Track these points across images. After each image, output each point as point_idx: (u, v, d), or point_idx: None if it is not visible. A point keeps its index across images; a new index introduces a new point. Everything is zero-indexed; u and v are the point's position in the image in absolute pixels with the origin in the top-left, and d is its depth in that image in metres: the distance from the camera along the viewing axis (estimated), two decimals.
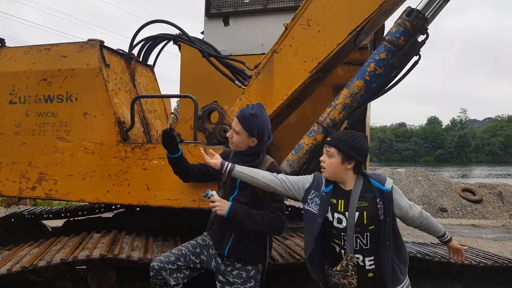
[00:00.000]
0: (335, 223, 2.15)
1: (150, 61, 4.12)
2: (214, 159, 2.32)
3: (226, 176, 2.46)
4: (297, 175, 3.22)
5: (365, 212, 2.07)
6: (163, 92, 4.21)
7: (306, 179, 2.29)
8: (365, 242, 2.08)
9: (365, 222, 2.06)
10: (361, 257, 2.09)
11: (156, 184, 2.91)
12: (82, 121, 3.06)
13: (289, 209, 4.73)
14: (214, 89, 4.17)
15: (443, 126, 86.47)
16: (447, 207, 13.04)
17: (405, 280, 2.15)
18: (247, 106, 2.42)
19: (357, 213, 2.08)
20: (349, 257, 2.09)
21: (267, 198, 2.32)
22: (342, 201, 2.14)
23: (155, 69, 4.21)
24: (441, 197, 13.54)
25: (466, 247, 2.25)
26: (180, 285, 2.33)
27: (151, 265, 2.30)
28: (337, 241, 2.16)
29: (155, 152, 2.93)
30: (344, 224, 2.11)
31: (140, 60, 3.89)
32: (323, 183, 2.27)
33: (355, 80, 3.16)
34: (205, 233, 2.57)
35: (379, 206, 2.06)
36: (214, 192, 2.28)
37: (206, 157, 2.33)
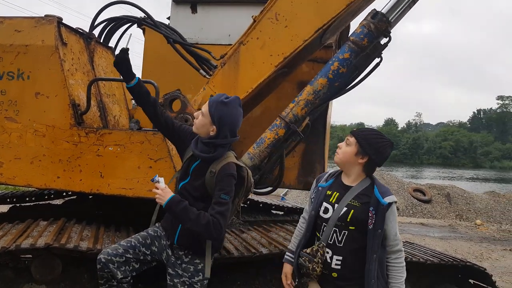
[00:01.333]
0: (321, 213, 2.17)
1: (112, 44, 3.96)
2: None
3: (185, 159, 2.40)
4: (258, 169, 3.25)
5: (352, 211, 2.08)
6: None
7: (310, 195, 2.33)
8: (339, 239, 2.10)
9: (348, 220, 2.08)
10: (330, 253, 2.11)
11: (110, 172, 2.79)
12: (34, 101, 2.87)
13: (248, 202, 4.73)
14: (178, 77, 4.07)
15: (399, 128, 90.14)
16: (398, 206, 13.64)
17: None
18: (221, 94, 2.33)
19: (345, 208, 2.10)
20: (321, 244, 2.13)
21: (214, 198, 2.22)
22: (337, 193, 2.16)
23: (116, 52, 4.04)
24: (394, 196, 14.12)
25: None
26: (129, 278, 2.26)
27: (98, 257, 2.20)
28: (317, 233, 2.19)
29: (111, 138, 2.82)
30: (329, 214, 2.14)
31: (101, 41, 3.71)
32: (324, 179, 2.31)
33: (319, 77, 3.20)
34: (157, 224, 2.50)
35: (370, 215, 2.05)
36: (161, 179, 2.19)
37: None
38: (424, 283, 3.46)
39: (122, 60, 2.32)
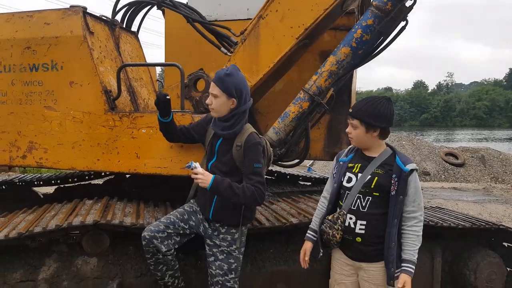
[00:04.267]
0: (344, 182, 2.27)
1: (134, 27, 4.06)
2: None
3: (208, 141, 2.53)
4: (284, 142, 3.33)
5: (376, 178, 2.17)
6: (147, 58, 4.17)
7: (332, 171, 2.41)
8: (363, 204, 2.18)
9: (372, 186, 2.17)
10: (354, 218, 2.20)
11: (145, 152, 2.96)
12: (69, 90, 3.04)
13: (275, 174, 4.84)
14: (200, 56, 4.13)
15: (429, 91, 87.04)
16: (430, 171, 13.42)
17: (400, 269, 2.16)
18: (221, 69, 2.42)
19: (369, 176, 2.18)
20: (342, 212, 2.23)
21: (247, 170, 2.37)
22: (359, 164, 2.24)
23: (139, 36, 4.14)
24: (425, 161, 13.89)
25: None
26: (172, 250, 2.44)
27: (142, 235, 2.39)
28: (340, 201, 2.29)
29: (143, 121, 2.96)
30: (352, 183, 2.23)
31: (124, 26, 3.82)
32: (344, 154, 2.38)
33: (342, 47, 3.18)
34: (191, 200, 2.66)
35: (392, 182, 2.12)
36: (197, 164, 2.32)
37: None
38: (456, 247, 3.48)
39: (162, 103, 2.52)
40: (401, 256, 2.15)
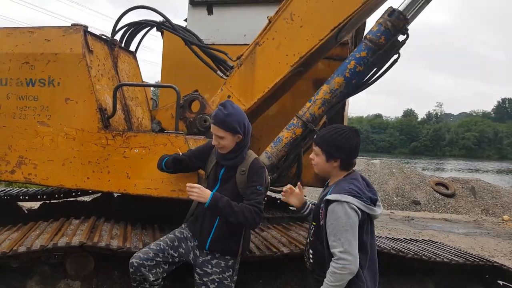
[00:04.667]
0: None
1: (132, 47, 4.10)
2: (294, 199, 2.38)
3: (210, 168, 2.53)
4: (276, 167, 3.34)
5: (315, 208, 2.19)
6: (143, 73, 4.20)
7: None
8: (311, 233, 2.19)
9: (313, 216, 2.20)
10: (308, 246, 2.23)
11: (136, 173, 2.94)
12: (64, 107, 3.04)
13: (266, 199, 4.81)
14: (196, 77, 4.17)
15: (419, 119, 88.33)
16: (420, 200, 13.43)
17: None
18: (218, 109, 2.43)
19: (316, 206, 2.19)
20: (307, 241, 2.25)
21: (249, 190, 2.39)
22: (322, 194, 2.20)
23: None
24: (415, 190, 13.92)
25: None
26: (159, 280, 2.39)
27: (130, 261, 2.35)
28: None
29: (136, 141, 2.95)
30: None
31: (122, 45, 3.86)
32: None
33: (336, 76, 3.25)
34: (183, 225, 2.62)
35: (321, 212, 2.05)
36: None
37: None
38: (449, 283, 3.44)
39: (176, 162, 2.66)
40: None
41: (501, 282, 3.50)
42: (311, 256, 2.18)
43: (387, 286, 3.20)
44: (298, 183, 2.48)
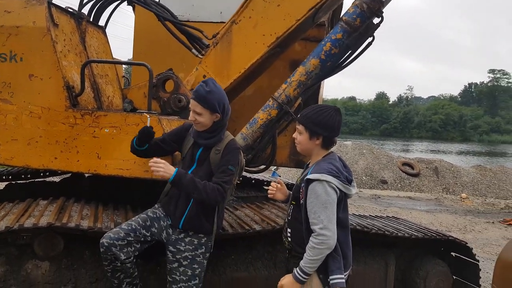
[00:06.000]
0: None
1: (101, 22, 3.92)
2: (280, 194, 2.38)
3: (187, 149, 2.50)
4: (251, 148, 3.34)
5: (294, 187, 2.24)
6: (114, 51, 4.03)
7: None
8: (289, 212, 2.26)
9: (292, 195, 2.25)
10: (286, 225, 2.29)
11: (107, 153, 2.85)
12: (28, 83, 2.88)
13: (240, 179, 4.82)
14: (170, 55, 4.06)
15: (390, 102, 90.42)
16: (387, 179, 13.92)
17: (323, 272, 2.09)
18: (200, 85, 2.41)
19: (295, 186, 2.24)
20: (285, 221, 2.32)
21: (219, 169, 2.39)
22: (302, 174, 2.27)
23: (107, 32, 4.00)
24: (383, 170, 14.40)
25: None
26: (131, 258, 2.37)
27: (100, 241, 2.31)
28: None
29: (107, 120, 2.86)
30: None
31: (91, 20, 3.68)
32: None
33: (311, 58, 3.24)
34: (156, 205, 2.59)
35: (301, 191, 2.13)
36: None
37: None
38: (408, 256, 3.65)
39: (145, 136, 2.50)
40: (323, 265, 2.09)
41: (453, 254, 3.75)
42: (289, 234, 2.24)
43: (352, 259, 3.35)
44: (278, 179, 2.51)
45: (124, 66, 5.22)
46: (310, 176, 2.07)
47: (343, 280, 2.11)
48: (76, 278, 2.62)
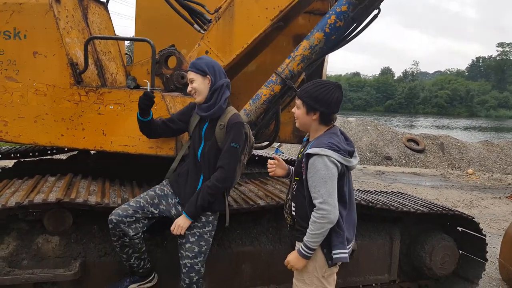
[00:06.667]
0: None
1: None
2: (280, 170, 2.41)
3: (194, 127, 2.52)
4: (255, 124, 3.34)
5: (296, 163, 2.26)
6: (116, 30, 4.00)
7: None
8: (294, 189, 2.26)
9: (294, 171, 2.27)
10: (292, 202, 2.29)
11: (112, 130, 2.88)
12: (32, 61, 2.88)
13: (252, 154, 4.86)
14: (172, 31, 4.02)
15: (395, 77, 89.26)
16: (392, 156, 13.90)
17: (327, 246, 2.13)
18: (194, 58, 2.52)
19: (297, 162, 2.26)
20: (288, 197, 2.33)
21: (223, 148, 2.42)
22: (303, 149, 2.28)
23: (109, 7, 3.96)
24: (387, 146, 14.36)
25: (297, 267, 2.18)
26: (139, 234, 2.42)
27: (109, 218, 2.36)
28: None
29: (111, 97, 2.87)
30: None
31: None
32: (307, 134, 2.40)
33: (315, 32, 3.19)
34: (164, 182, 2.63)
35: (303, 166, 2.14)
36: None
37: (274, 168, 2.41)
38: (414, 230, 3.66)
39: (146, 101, 2.46)
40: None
41: (459, 229, 3.76)
42: (293, 209, 2.27)
43: (357, 234, 3.38)
44: (274, 155, 2.54)
45: (126, 43, 5.19)
46: (310, 151, 2.08)
47: (347, 255, 2.13)
48: (86, 252, 2.70)
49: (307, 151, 2.10)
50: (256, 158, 4.79)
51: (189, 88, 2.48)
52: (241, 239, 3.05)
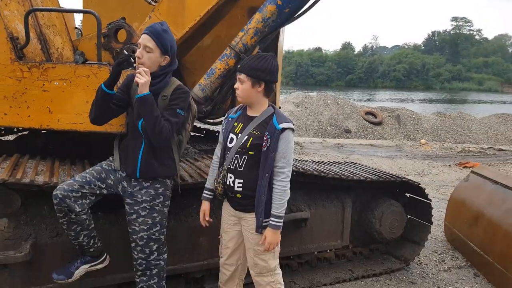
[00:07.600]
0: (227, 143, 2.38)
1: None
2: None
3: (134, 100, 2.43)
4: (210, 99, 3.32)
5: (251, 139, 2.29)
6: (63, 2, 3.79)
7: (222, 127, 2.53)
8: (240, 164, 2.32)
9: (247, 146, 2.30)
10: (232, 177, 2.35)
11: (59, 107, 2.76)
12: None
13: (204, 132, 4.84)
14: (122, 3, 3.86)
15: (356, 52, 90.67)
16: (351, 129, 14.31)
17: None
18: (155, 23, 2.35)
19: (246, 137, 2.30)
20: (224, 167, 2.38)
21: (168, 111, 2.33)
22: (241, 125, 2.35)
23: None
24: (347, 119, 14.75)
25: (275, 248, 2.37)
26: (86, 210, 2.36)
27: (53, 193, 2.28)
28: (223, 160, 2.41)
29: (56, 73, 2.74)
30: (233, 143, 2.35)
31: None
32: (234, 111, 2.48)
33: (268, 4, 3.17)
34: (111, 157, 2.57)
35: (265, 139, 2.25)
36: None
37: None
38: (365, 198, 3.85)
39: (125, 66, 2.27)
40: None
41: (407, 195, 3.99)
42: (238, 185, 2.33)
43: (311, 203, 3.53)
44: None
45: (77, 17, 4.92)
46: (284, 125, 2.26)
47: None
48: (37, 233, 2.62)
49: (282, 126, 2.25)
50: (216, 134, 4.78)
51: (139, 54, 2.28)
52: (197, 213, 3.07)
